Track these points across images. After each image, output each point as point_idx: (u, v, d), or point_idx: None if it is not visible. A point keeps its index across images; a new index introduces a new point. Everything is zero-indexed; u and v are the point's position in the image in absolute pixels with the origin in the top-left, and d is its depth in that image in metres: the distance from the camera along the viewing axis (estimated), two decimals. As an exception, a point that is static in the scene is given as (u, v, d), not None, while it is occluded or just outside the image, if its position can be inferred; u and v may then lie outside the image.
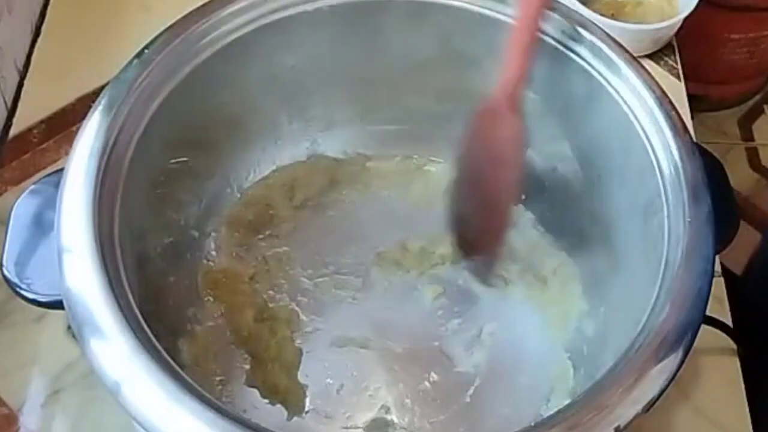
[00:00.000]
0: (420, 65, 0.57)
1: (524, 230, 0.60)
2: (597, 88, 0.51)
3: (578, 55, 0.52)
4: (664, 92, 0.50)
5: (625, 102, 0.50)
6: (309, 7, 0.53)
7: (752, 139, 1.38)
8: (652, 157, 0.48)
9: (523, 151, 0.49)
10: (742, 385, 0.57)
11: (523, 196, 0.59)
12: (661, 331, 0.41)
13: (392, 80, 0.58)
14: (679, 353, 0.41)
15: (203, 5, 0.51)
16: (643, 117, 0.49)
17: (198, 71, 0.50)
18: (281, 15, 0.53)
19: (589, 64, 0.51)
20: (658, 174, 0.47)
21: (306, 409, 0.54)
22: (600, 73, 0.51)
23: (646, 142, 0.49)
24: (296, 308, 0.57)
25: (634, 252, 0.49)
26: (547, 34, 0.52)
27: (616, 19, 0.69)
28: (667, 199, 0.46)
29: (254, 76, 0.55)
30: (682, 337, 0.41)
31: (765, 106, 1.39)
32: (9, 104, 0.67)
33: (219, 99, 0.53)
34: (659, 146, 0.48)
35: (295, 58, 0.55)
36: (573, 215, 0.57)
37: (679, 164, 0.47)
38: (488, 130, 0.50)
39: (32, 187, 0.48)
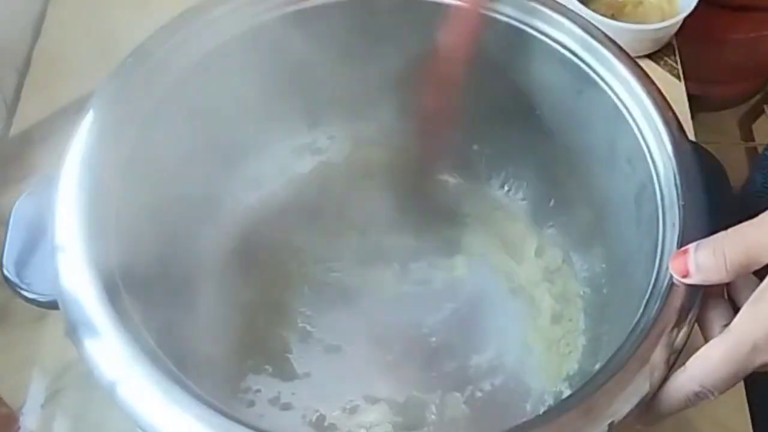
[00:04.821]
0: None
1: (522, 224, 0.60)
2: (590, 83, 0.51)
3: (573, 52, 0.52)
4: (654, 84, 0.50)
5: (617, 95, 0.50)
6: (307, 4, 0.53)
7: (752, 139, 1.38)
8: (644, 146, 0.48)
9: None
10: (742, 385, 0.57)
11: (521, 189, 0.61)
12: (659, 321, 0.41)
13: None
14: (677, 345, 0.41)
15: (199, 4, 0.51)
16: (633, 108, 0.49)
17: (194, 70, 0.50)
18: (280, 12, 0.53)
19: (583, 60, 0.51)
20: (650, 162, 0.48)
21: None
22: (592, 69, 0.51)
23: (637, 132, 0.49)
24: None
25: (629, 239, 0.49)
26: (542, 32, 0.52)
27: (615, 19, 0.69)
28: (659, 186, 0.47)
29: (251, 75, 0.54)
30: (680, 327, 0.41)
31: (765, 106, 1.39)
32: (9, 104, 0.67)
33: (215, 99, 0.53)
34: (651, 137, 0.48)
35: (291, 56, 0.55)
36: (564, 204, 0.57)
37: (671, 152, 0.47)
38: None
39: (32, 187, 0.48)
